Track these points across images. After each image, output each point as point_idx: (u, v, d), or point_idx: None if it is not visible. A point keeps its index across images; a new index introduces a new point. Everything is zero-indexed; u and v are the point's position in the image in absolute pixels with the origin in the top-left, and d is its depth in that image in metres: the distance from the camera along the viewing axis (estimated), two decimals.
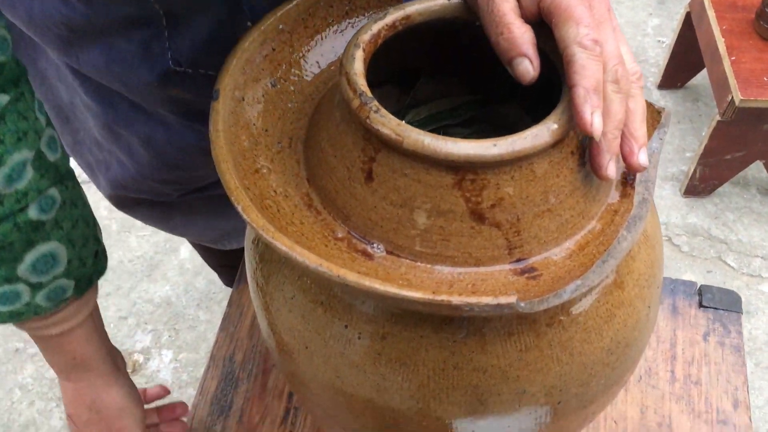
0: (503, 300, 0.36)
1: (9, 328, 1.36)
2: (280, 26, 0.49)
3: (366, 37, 0.44)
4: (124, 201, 0.76)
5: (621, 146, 0.42)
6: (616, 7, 1.98)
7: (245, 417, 0.72)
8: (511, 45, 0.40)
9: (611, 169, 0.42)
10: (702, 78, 1.74)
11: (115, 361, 0.64)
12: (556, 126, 0.40)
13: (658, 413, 0.73)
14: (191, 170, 0.44)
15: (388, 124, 0.40)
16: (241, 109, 0.47)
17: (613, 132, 0.41)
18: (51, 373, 1.31)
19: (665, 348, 0.77)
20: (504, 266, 0.42)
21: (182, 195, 0.74)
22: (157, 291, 1.41)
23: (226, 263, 1.00)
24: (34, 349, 1.34)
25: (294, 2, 0.49)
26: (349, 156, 0.43)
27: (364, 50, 0.43)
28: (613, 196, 0.46)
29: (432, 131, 0.40)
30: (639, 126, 0.42)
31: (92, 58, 0.56)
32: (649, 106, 0.47)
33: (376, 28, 0.45)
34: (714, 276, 1.51)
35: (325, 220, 0.44)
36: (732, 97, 1.38)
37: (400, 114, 0.56)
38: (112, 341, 0.63)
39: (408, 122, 0.46)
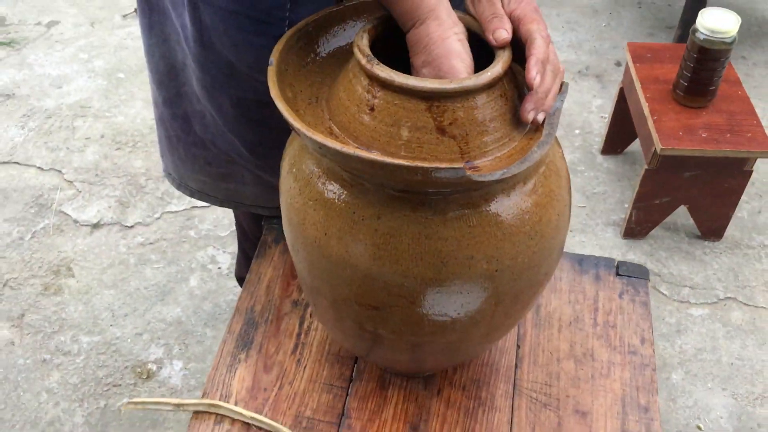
0: (456, 165, 0.59)
1: (38, 342, 1.53)
2: (309, 29, 0.74)
3: (369, 26, 0.68)
4: (197, 161, 0.94)
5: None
6: (569, 92, 2.30)
7: (263, 349, 0.92)
8: (501, 22, 0.67)
9: (532, 116, 0.66)
10: (637, 145, 2.03)
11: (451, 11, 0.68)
12: (489, 74, 0.64)
13: (584, 347, 0.94)
14: (276, 128, 0.63)
15: (385, 70, 0.63)
16: (286, 76, 0.70)
17: (545, 93, 0.66)
18: (74, 379, 1.46)
19: (590, 303, 0.99)
20: (458, 165, 0.65)
21: (254, 158, 0.91)
22: (169, 312, 1.58)
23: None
24: (58, 360, 1.50)
25: (318, 14, 0.74)
26: (358, 98, 0.66)
27: (368, 33, 0.68)
28: (530, 131, 0.69)
29: None
30: (551, 98, 0.67)
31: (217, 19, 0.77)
32: None
33: (374, 21, 0.69)
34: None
35: (342, 140, 0.67)
36: (655, 148, 1.66)
37: None
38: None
39: None
